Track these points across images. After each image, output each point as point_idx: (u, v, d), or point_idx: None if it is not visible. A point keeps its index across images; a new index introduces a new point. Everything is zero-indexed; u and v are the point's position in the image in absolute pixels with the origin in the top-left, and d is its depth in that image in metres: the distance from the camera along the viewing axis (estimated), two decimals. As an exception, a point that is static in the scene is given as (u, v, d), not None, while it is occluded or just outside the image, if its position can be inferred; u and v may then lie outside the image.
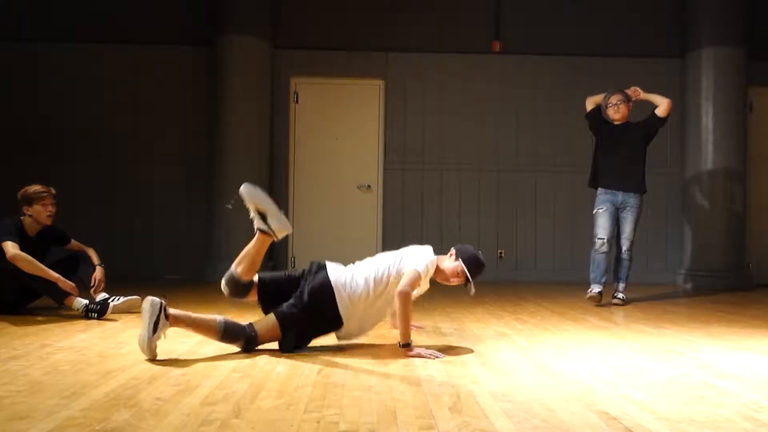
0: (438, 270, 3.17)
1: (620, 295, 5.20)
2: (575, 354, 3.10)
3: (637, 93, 5.36)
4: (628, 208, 5.21)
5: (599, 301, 5.08)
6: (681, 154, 7.16)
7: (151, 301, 2.80)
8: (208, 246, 6.79)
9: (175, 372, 2.56)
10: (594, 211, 5.28)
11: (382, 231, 7.16)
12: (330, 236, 7.11)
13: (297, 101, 7.22)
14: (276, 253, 7.11)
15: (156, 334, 2.78)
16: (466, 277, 3.12)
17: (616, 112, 5.27)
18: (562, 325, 4.03)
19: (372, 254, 7.76)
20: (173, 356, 2.87)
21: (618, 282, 5.26)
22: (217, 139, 6.75)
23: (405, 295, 2.93)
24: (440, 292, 5.74)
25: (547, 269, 7.20)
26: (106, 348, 3.05)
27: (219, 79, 6.76)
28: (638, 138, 5.28)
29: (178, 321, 2.88)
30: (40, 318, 3.93)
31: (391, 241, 7.01)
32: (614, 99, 5.28)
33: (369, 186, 7.20)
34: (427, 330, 3.73)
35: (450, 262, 3.18)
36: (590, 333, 3.73)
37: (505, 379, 2.54)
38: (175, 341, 3.23)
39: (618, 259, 5.27)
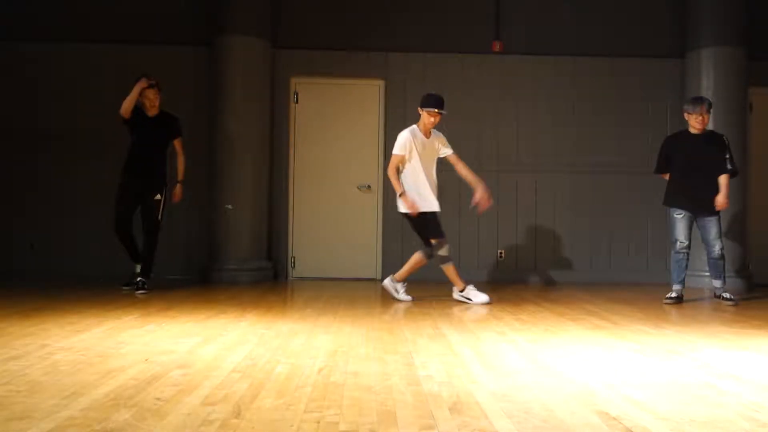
0: (421, 126, 5.13)
1: (727, 295, 5.25)
2: (575, 354, 3.10)
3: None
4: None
5: (676, 302, 5.26)
6: (681, 154, 7.15)
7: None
8: (208, 246, 6.79)
9: (175, 372, 2.56)
10: (672, 214, 5.38)
11: (382, 231, 7.16)
12: (330, 236, 7.11)
13: (297, 101, 7.22)
14: (275, 254, 7.12)
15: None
16: (427, 110, 5.03)
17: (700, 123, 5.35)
18: (562, 325, 4.03)
19: (371, 253, 7.86)
20: (173, 356, 2.87)
21: (717, 280, 5.32)
22: (217, 139, 6.75)
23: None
24: (439, 291, 5.74)
25: (547, 269, 7.20)
26: (106, 348, 3.04)
27: (219, 79, 6.76)
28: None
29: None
30: (40, 318, 3.93)
31: (391, 241, 7.02)
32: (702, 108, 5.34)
33: (369, 186, 7.20)
34: (428, 331, 3.73)
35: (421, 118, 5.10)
36: (590, 333, 3.73)
37: (505, 379, 2.54)
38: (176, 341, 3.24)
39: (710, 260, 5.32)
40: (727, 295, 5.28)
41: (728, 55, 6.81)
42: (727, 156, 5.28)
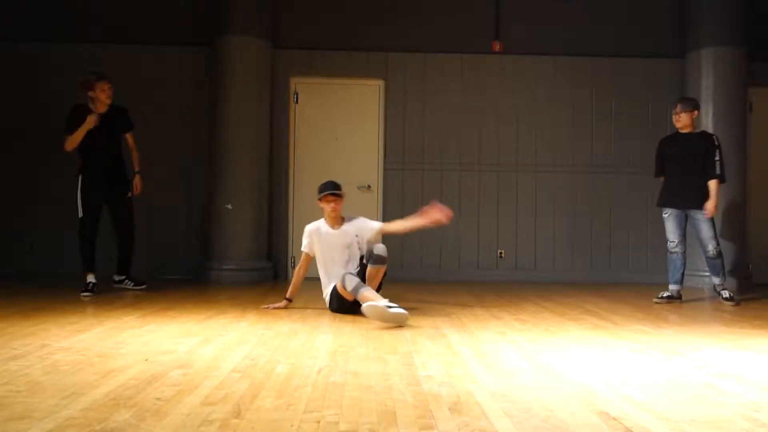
0: (325, 216, 4.79)
1: (726, 294, 5.28)
2: (575, 354, 3.10)
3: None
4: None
5: (669, 302, 5.30)
6: (681, 154, 7.16)
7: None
8: (207, 246, 6.79)
9: (175, 372, 2.56)
10: (662, 214, 5.48)
11: (382, 231, 7.14)
12: (330, 236, 7.10)
13: (297, 101, 7.22)
14: (275, 254, 7.12)
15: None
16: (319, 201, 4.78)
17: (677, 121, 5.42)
18: (562, 325, 4.03)
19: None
20: (173, 356, 2.87)
21: (716, 277, 5.34)
22: (217, 139, 6.75)
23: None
24: (440, 291, 5.74)
25: (547, 269, 7.20)
26: (106, 348, 3.04)
27: (219, 79, 6.76)
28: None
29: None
30: (40, 318, 3.93)
31: (391, 242, 7.02)
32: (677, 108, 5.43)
33: (369, 186, 7.20)
34: (428, 331, 3.73)
35: None
36: (590, 333, 3.73)
37: (505, 379, 2.54)
38: (176, 341, 3.24)
39: (707, 259, 5.35)
40: (726, 294, 5.30)
41: (728, 55, 6.81)
42: (717, 159, 5.23)
